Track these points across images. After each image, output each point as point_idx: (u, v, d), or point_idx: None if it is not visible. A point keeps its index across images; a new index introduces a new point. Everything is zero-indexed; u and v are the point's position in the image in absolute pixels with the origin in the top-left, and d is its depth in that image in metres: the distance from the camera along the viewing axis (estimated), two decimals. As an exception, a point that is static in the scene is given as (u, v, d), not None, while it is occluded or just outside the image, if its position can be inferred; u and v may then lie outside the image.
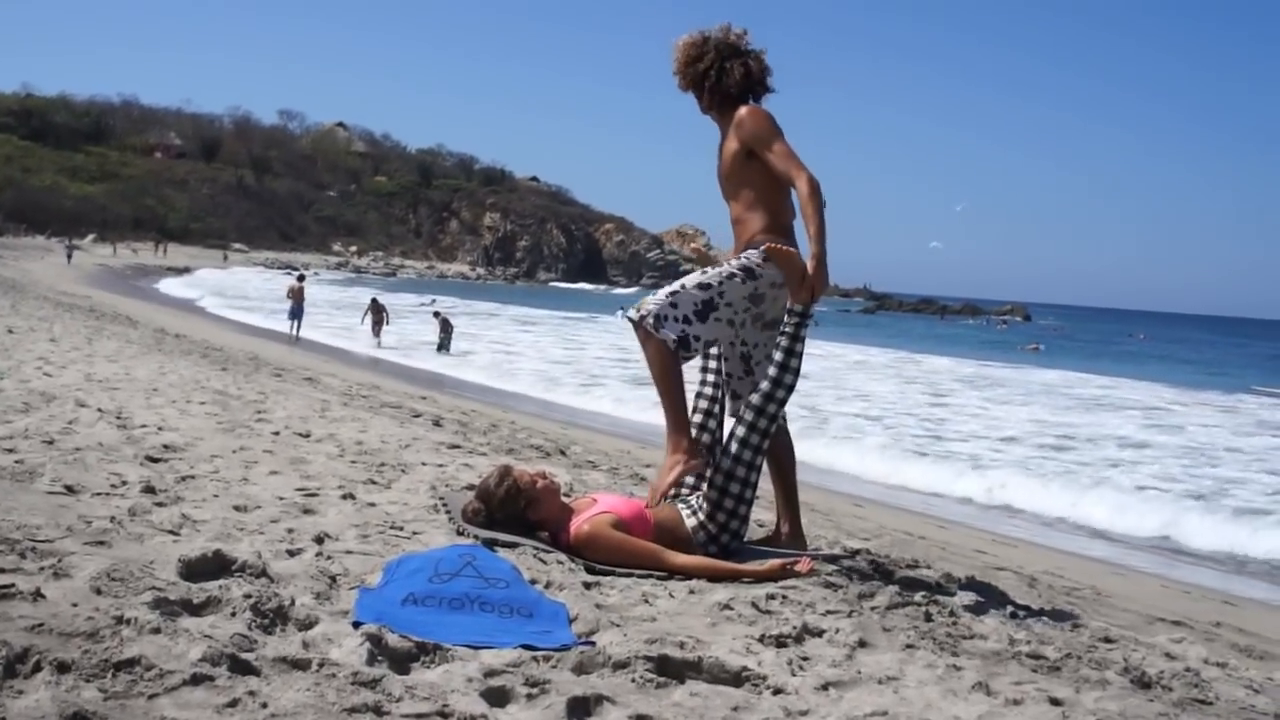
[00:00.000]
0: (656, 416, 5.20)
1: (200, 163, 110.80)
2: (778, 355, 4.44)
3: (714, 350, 4.79)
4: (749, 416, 4.44)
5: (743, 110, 4.57)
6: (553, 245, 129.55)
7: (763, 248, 4.48)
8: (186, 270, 64.64)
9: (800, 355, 4.47)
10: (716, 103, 4.70)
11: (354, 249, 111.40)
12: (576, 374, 23.31)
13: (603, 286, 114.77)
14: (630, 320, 4.50)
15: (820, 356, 31.73)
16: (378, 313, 27.10)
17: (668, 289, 4.53)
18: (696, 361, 4.71)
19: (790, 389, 4.46)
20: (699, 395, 4.83)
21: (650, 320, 4.43)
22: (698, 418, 4.79)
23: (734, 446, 4.44)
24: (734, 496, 4.41)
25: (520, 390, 19.27)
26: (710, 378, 4.87)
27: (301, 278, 28.00)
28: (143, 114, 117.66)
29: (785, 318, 4.46)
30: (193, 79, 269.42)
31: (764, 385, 4.45)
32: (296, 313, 25.75)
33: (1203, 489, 13.45)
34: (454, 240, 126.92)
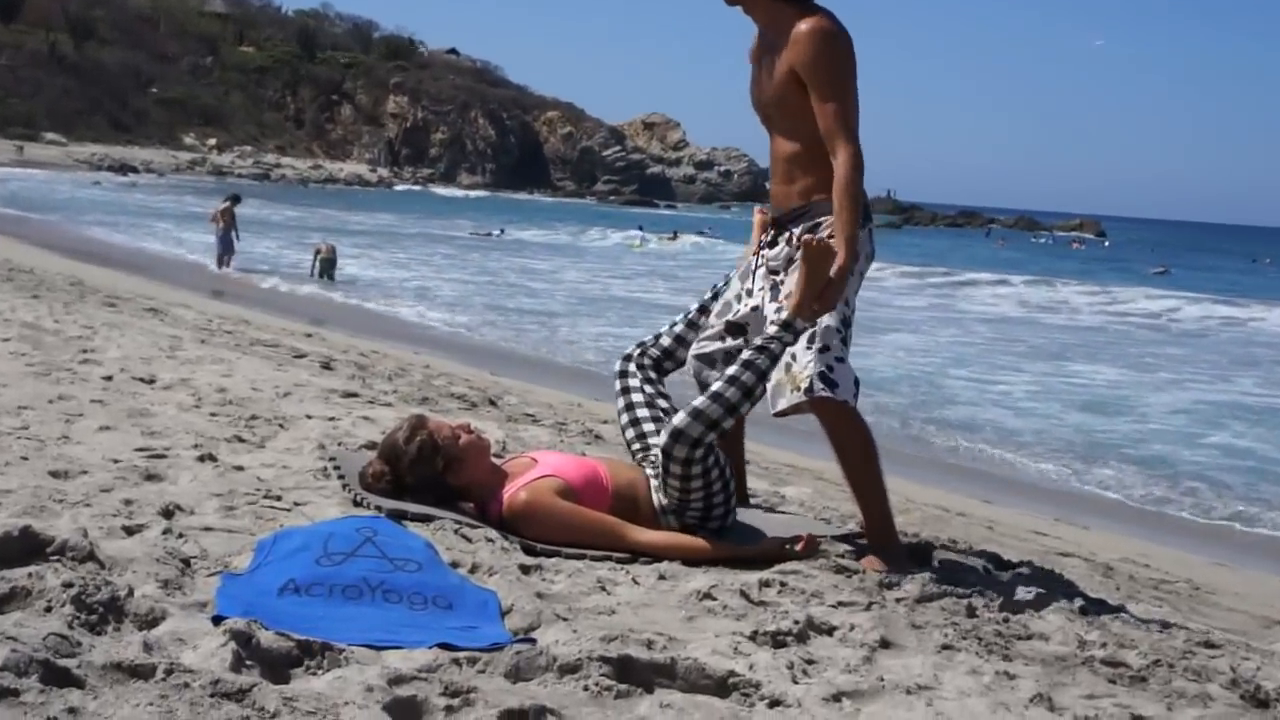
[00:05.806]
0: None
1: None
2: (760, 363, 4.34)
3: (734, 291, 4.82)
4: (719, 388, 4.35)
5: (808, 25, 4.37)
6: (478, 139, 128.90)
7: (806, 238, 4.36)
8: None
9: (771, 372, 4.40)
10: None
11: (212, 142, 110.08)
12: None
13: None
14: (788, 409, 4.43)
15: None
16: (228, 220, 25.92)
17: (805, 343, 4.37)
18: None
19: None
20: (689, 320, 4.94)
21: (820, 388, 4.33)
22: (679, 329, 4.92)
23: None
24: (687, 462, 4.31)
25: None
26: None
27: (236, 199, 27.45)
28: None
29: (774, 330, 4.38)
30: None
31: (726, 385, 4.34)
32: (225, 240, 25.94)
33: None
34: (347, 132, 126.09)
